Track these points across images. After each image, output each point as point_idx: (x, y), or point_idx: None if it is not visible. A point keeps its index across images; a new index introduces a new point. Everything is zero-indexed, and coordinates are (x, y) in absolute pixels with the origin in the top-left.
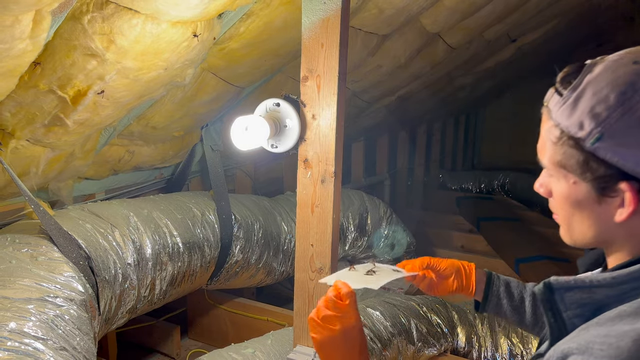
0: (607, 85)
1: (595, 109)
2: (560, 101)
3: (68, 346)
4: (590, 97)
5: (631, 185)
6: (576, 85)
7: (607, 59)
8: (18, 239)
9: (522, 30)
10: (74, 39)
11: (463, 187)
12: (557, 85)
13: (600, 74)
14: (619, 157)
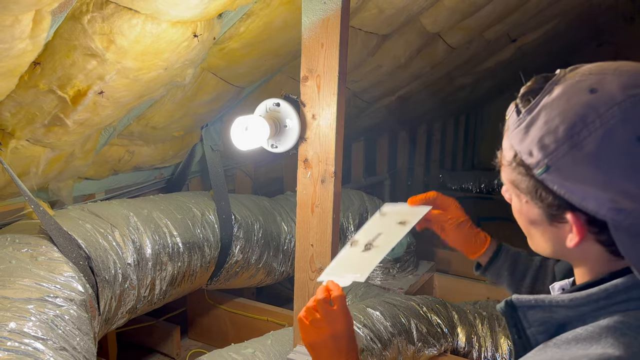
0: (558, 115)
1: (544, 140)
2: (516, 122)
3: (68, 346)
4: (542, 125)
5: (577, 217)
6: (532, 108)
7: (568, 80)
8: (18, 239)
9: (522, 30)
10: (74, 39)
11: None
12: (517, 101)
13: (556, 99)
14: (566, 190)
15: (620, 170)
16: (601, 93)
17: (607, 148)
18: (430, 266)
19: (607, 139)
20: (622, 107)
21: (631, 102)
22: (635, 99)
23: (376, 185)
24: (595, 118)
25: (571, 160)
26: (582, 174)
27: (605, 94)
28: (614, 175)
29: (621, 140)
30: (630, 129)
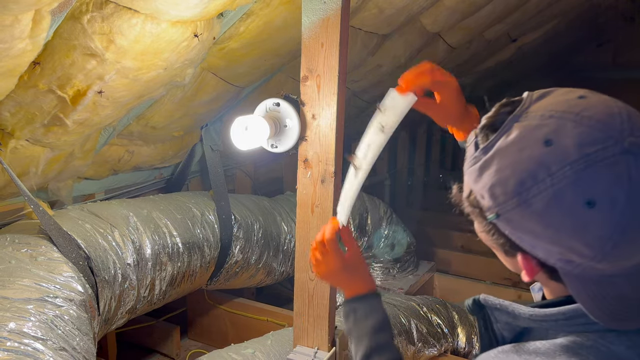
0: (510, 165)
1: (495, 189)
2: (472, 158)
3: (67, 346)
4: (494, 172)
5: (528, 260)
6: (488, 148)
7: (528, 119)
8: (17, 239)
9: (522, 30)
10: (74, 39)
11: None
12: (477, 132)
13: (510, 145)
14: (516, 238)
15: (568, 231)
16: (556, 147)
17: (556, 209)
18: (431, 266)
19: (557, 200)
20: (575, 168)
21: (584, 163)
22: (589, 160)
23: (376, 185)
24: (546, 177)
25: (519, 215)
26: (531, 228)
27: (560, 150)
28: (561, 234)
29: (570, 202)
30: (580, 192)
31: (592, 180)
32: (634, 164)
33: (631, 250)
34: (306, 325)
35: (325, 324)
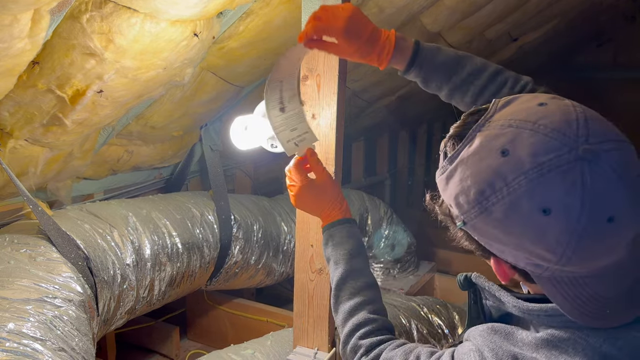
0: (471, 175)
1: (459, 199)
2: (441, 167)
3: (67, 347)
4: (457, 182)
5: (499, 264)
6: (453, 158)
7: (489, 129)
8: (16, 239)
9: (523, 30)
10: (73, 38)
11: None
12: (445, 141)
13: (471, 155)
14: (485, 243)
15: (529, 237)
16: (511, 157)
17: (514, 216)
18: (431, 267)
19: (514, 208)
20: (529, 177)
21: (537, 173)
22: (542, 169)
23: (376, 185)
24: (502, 186)
25: (483, 222)
26: (495, 235)
27: (514, 160)
28: (522, 240)
29: (527, 210)
30: (535, 200)
31: (546, 189)
32: (588, 171)
33: (595, 253)
34: (306, 326)
35: (325, 325)
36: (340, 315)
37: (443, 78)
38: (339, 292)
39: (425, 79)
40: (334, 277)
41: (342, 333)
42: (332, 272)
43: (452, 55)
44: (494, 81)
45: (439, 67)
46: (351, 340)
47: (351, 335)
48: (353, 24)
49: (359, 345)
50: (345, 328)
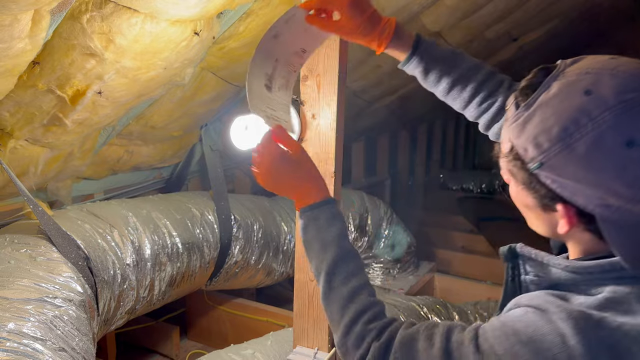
0: (553, 115)
1: (539, 138)
2: (514, 116)
3: (67, 347)
4: (537, 123)
5: (567, 209)
6: (530, 104)
7: (566, 77)
8: (17, 239)
9: (523, 30)
10: (73, 38)
11: (464, 187)
12: (516, 94)
13: (552, 98)
14: (557, 185)
15: (609, 172)
16: (595, 96)
17: (597, 151)
18: (431, 267)
19: (598, 142)
20: (614, 112)
21: (622, 108)
22: (627, 104)
23: (376, 185)
24: (587, 122)
25: (563, 160)
26: (573, 173)
27: (599, 98)
28: (602, 176)
29: (611, 144)
30: (619, 133)
31: (631, 123)
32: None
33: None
34: (306, 326)
35: (325, 325)
36: (337, 304)
37: (443, 70)
38: (331, 278)
39: (425, 69)
40: (324, 263)
41: (342, 323)
42: (319, 258)
43: (450, 49)
44: (491, 79)
45: (439, 58)
46: (356, 327)
47: (355, 322)
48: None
49: (368, 330)
50: (345, 317)
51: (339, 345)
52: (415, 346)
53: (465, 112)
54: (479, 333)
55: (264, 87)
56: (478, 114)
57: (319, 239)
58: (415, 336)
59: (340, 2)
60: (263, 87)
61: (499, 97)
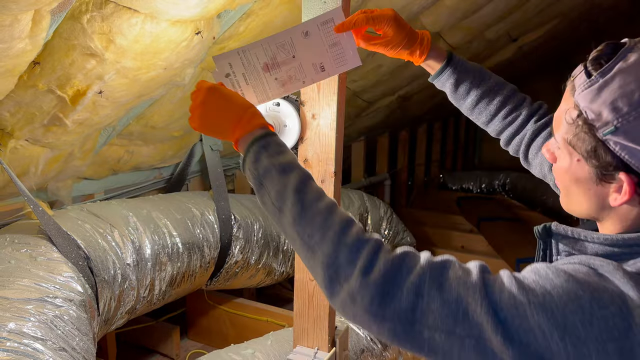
0: (635, 80)
1: (618, 102)
2: (586, 83)
3: (67, 347)
4: (616, 88)
5: (630, 178)
6: (605, 71)
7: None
8: (17, 239)
9: (523, 30)
10: (73, 39)
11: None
12: (587, 64)
13: (632, 65)
14: (627, 152)
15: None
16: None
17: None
18: None
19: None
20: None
21: None
22: None
23: (376, 185)
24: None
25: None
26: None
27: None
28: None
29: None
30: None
31: None
32: None
33: None
34: (306, 326)
35: (325, 325)
36: (316, 220)
37: (473, 83)
38: (303, 197)
39: (456, 82)
40: (289, 185)
41: (326, 238)
42: (281, 183)
43: (477, 66)
44: (516, 95)
45: (470, 71)
46: (346, 239)
47: (344, 234)
48: (398, 19)
49: (364, 240)
50: (329, 230)
51: (326, 266)
52: (447, 273)
53: (489, 127)
54: (515, 275)
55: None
56: (502, 128)
57: (276, 165)
58: (445, 264)
59: (386, 18)
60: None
61: (523, 112)
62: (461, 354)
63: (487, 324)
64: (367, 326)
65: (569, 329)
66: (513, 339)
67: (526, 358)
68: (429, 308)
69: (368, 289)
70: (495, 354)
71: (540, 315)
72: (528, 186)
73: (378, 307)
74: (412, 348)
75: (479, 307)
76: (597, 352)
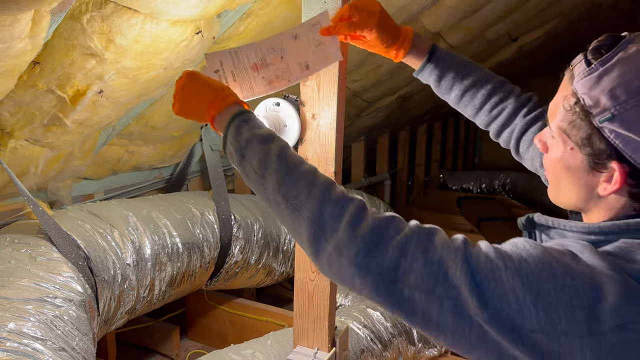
0: (634, 70)
1: (616, 91)
2: (585, 71)
3: (67, 347)
4: (616, 77)
5: (622, 167)
6: (606, 60)
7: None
8: (17, 239)
9: (523, 30)
10: (73, 39)
11: (464, 187)
12: (587, 53)
13: (633, 55)
14: (621, 140)
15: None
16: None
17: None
18: None
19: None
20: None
21: None
22: None
23: (376, 185)
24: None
25: (637, 113)
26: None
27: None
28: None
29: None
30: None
31: None
32: None
33: None
34: (306, 326)
35: (325, 325)
36: (301, 180)
37: (456, 77)
38: (286, 162)
39: (439, 76)
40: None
41: (311, 195)
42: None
43: (463, 58)
44: (502, 88)
45: (453, 65)
46: (332, 196)
47: (329, 192)
48: (383, 16)
49: (348, 199)
50: (315, 189)
51: (312, 222)
52: (433, 237)
53: (476, 119)
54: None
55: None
56: (489, 121)
57: (257, 136)
58: (433, 231)
59: (369, 26)
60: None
61: (509, 105)
62: (439, 315)
63: (465, 286)
64: (350, 280)
65: (541, 295)
66: (487, 303)
67: (499, 322)
68: (412, 268)
69: (355, 241)
70: (472, 317)
71: (515, 280)
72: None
73: (364, 258)
74: (393, 307)
75: (459, 270)
76: (566, 318)
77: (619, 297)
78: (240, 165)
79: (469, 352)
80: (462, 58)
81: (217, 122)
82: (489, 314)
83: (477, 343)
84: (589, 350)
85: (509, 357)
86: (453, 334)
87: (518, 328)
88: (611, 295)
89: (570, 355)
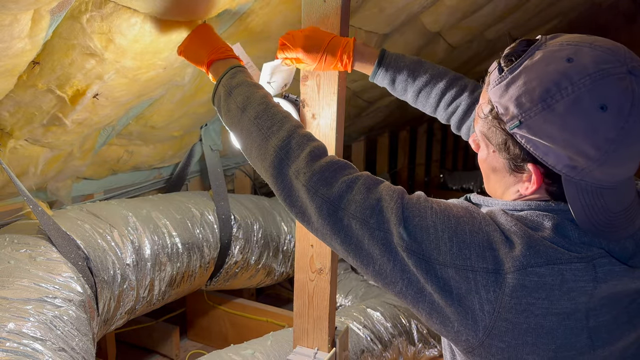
0: (537, 77)
1: (521, 98)
2: (497, 79)
3: (67, 347)
4: (521, 85)
5: (537, 169)
6: (514, 68)
7: (549, 47)
8: (17, 239)
9: (523, 30)
10: (73, 38)
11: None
12: (500, 60)
13: (536, 63)
14: (531, 145)
15: (581, 132)
16: (576, 63)
17: (574, 112)
18: None
19: (576, 104)
20: (592, 78)
21: (600, 75)
22: (604, 72)
23: None
24: (568, 85)
25: (542, 120)
26: (549, 132)
27: (580, 65)
28: (575, 136)
29: (587, 106)
30: (595, 97)
31: (605, 89)
32: (636, 82)
33: (626, 158)
34: (306, 326)
35: (325, 325)
36: (279, 115)
37: (409, 80)
38: (268, 101)
39: (392, 79)
40: (257, 93)
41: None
42: (250, 90)
43: (415, 59)
44: (455, 84)
45: (403, 68)
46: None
47: (300, 128)
48: (310, 40)
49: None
50: (288, 123)
51: (279, 148)
52: (380, 183)
53: (437, 116)
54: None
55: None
56: (447, 117)
57: (248, 83)
58: (383, 181)
59: (295, 49)
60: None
61: (464, 100)
62: (370, 244)
63: (394, 218)
64: (298, 201)
65: (458, 233)
66: (410, 233)
67: (417, 252)
68: (354, 198)
69: (311, 169)
70: (396, 248)
71: (438, 217)
72: None
73: (315, 183)
74: (332, 232)
75: (393, 206)
76: (476, 256)
77: (522, 245)
78: (225, 102)
79: (392, 283)
80: (412, 59)
81: (214, 68)
82: (409, 243)
83: (398, 274)
84: (492, 289)
85: (425, 295)
86: (380, 264)
87: (433, 261)
88: (517, 244)
89: (476, 293)
